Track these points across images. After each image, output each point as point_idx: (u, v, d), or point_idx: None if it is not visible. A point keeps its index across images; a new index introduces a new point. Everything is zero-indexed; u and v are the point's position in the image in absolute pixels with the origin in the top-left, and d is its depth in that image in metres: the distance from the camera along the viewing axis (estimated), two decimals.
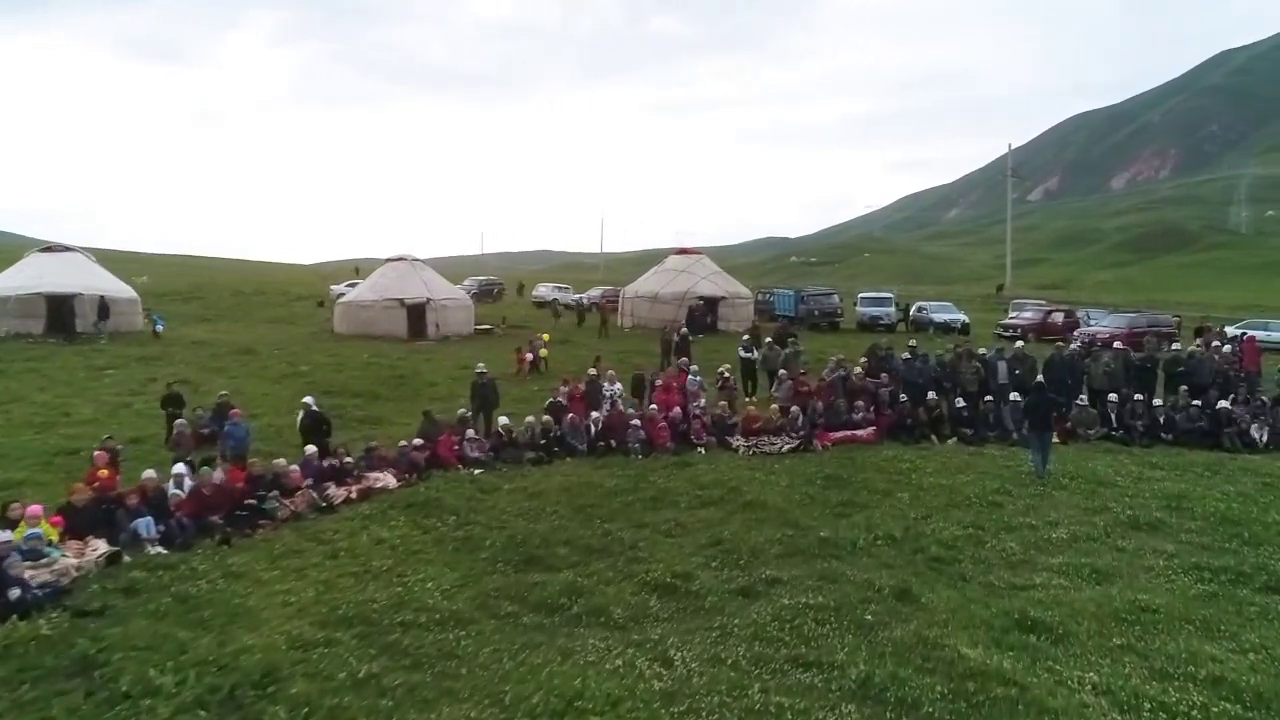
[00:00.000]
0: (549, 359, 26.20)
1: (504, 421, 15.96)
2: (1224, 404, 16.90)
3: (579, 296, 53.35)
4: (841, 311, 42.21)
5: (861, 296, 45.07)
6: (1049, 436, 14.23)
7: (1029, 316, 39.70)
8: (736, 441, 16.05)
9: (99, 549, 9.69)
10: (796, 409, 16.70)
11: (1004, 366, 18.19)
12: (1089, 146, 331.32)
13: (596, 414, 16.52)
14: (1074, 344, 25.18)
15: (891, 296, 45.68)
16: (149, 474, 11.45)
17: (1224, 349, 20.46)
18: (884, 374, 18.43)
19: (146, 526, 10.38)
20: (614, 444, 15.69)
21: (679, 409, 16.83)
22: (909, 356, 18.96)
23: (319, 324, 38.75)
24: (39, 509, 9.81)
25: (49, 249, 36.15)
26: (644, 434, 15.75)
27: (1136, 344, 23.22)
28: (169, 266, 79.52)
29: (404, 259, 37.78)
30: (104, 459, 12.15)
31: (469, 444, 14.90)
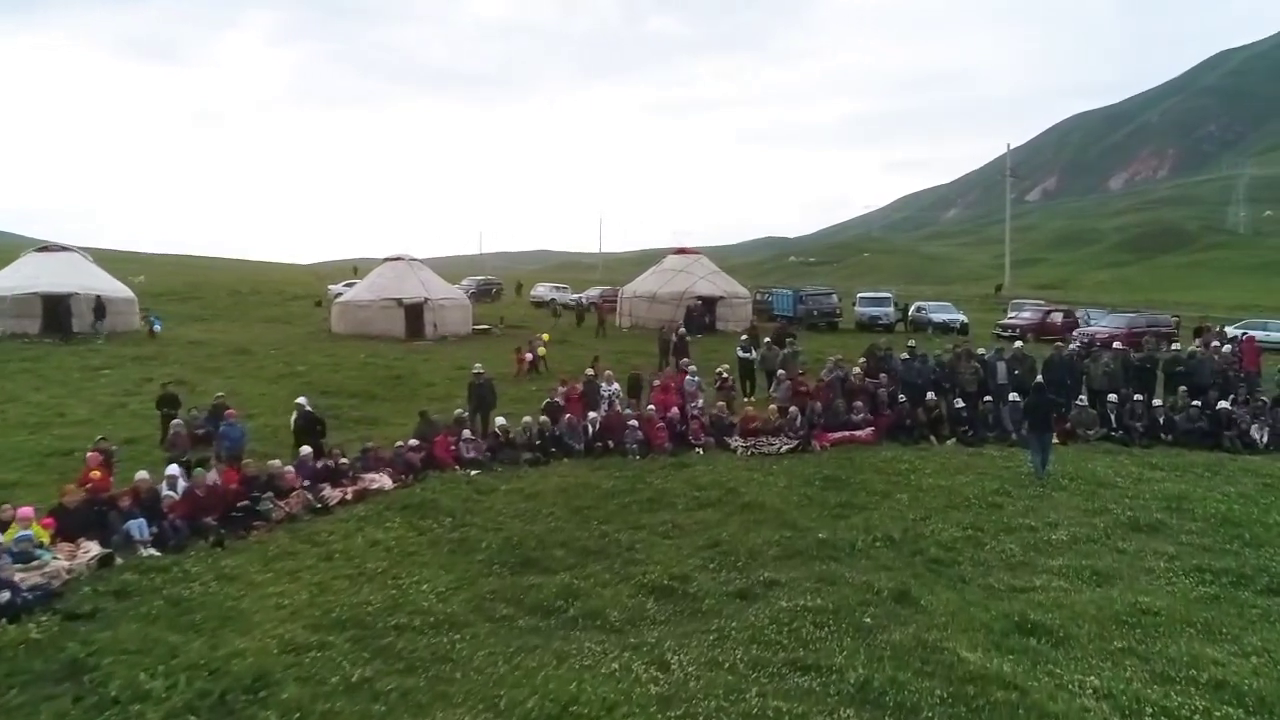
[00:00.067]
0: (547, 359, 26.13)
1: (501, 422, 15.90)
2: (1224, 404, 16.84)
3: (577, 296, 53.25)
4: (840, 311, 42.12)
5: (860, 296, 45.03)
6: (1049, 437, 14.16)
7: (1028, 316, 39.60)
8: (735, 442, 15.98)
9: (91, 551, 9.61)
10: (795, 409, 16.64)
11: (1003, 367, 18.12)
12: (1087, 147, 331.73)
13: (594, 414, 16.45)
14: (1073, 344, 25.11)
15: (890, 296, 45.62)
16: (142, 475, 11.37)
17: (1224, 349, 20.40)
18: (883, 374, 18.35)
19: (139, 528, 10.30)
20: (611, 445, 15.62)
21: (677, 409, 16.76)
22: (908, 357, 18.89)
23: (316, 324, 38.65)
24: (30, 510, 9.74)
25: (45, 248, 35.99)
26: (641, 435, 15.68)
27: (1135, 344, 23.16)
28: (166, 266, 79.33)
29: (401, 259, 37.69)
30: (97, 460, 12.05)
31: (465, 444, 14.83)
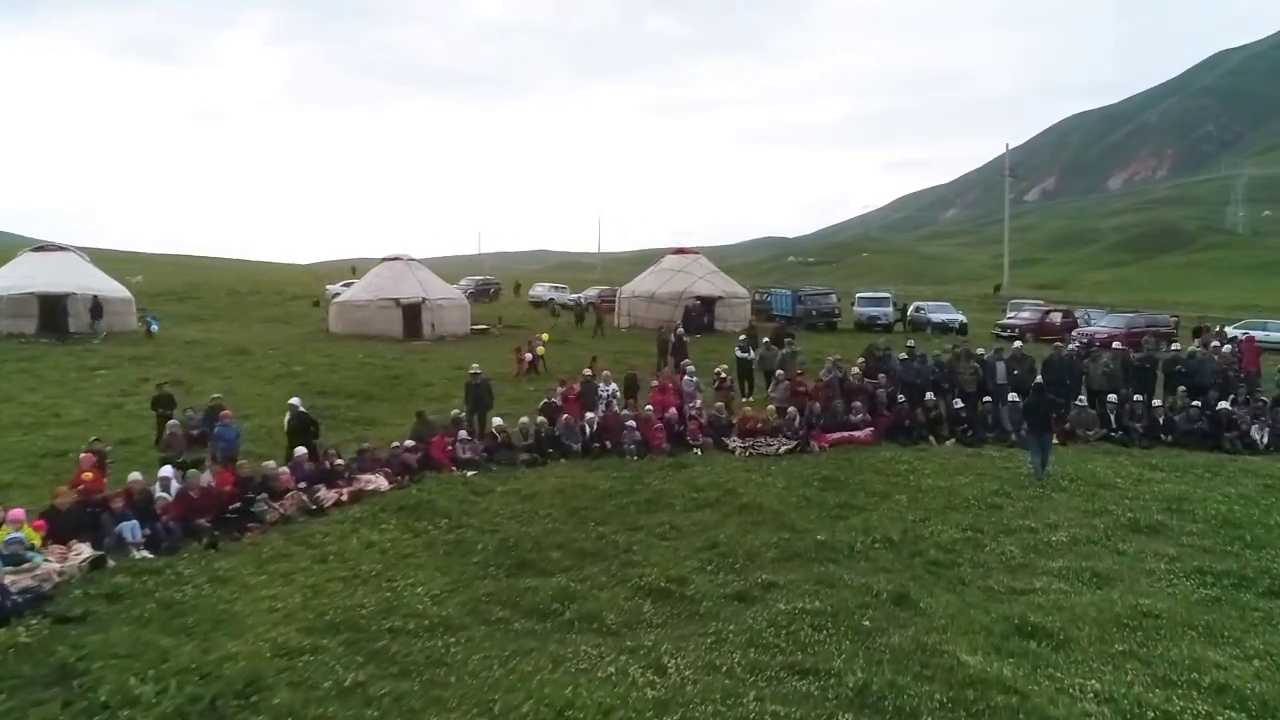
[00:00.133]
0: (546, 359, 26.05)
1: (498, 422, 15.83)
2: (1224, 405, 16.78)
3: (576, 296, 53.19)
4: (839, 311, 42.05)
5: (859, 296, 45.00)
6: (1049, 438, 14.09)
7: (1027, 316, 39.55)
8: (733, 443, 15.90)
9: (82, 553, 9.52)
10: (793, 410, 16.56)
11: (1002, 367, 18.06)
12: (1086, 147, 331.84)
13: (591, 415, 16.37)
14: (1072, 344, 25.05)
15: (889, 296, 45.59)
16: (135, 477, 11.28)
17: (1224, 349, 20.34)
18: (881, 374, 18.29)
19: (132, 530, 10.22)
20: (609, 445, 15.53)
21: (675, 410, 16.69)
22: (907, 357, 18.82)
23: (314, 324, 38.57)
24: (21, 512, 9.64)
25: (41, 248, 35.90)
26: (639, 435, 15.60)
27: (1135, 344, 23.11)
28: (166, 266, 79.23)
29: (399, 258, 37.61)
30: (90, 461, 11.94)
31: (462, 445, 14.75)
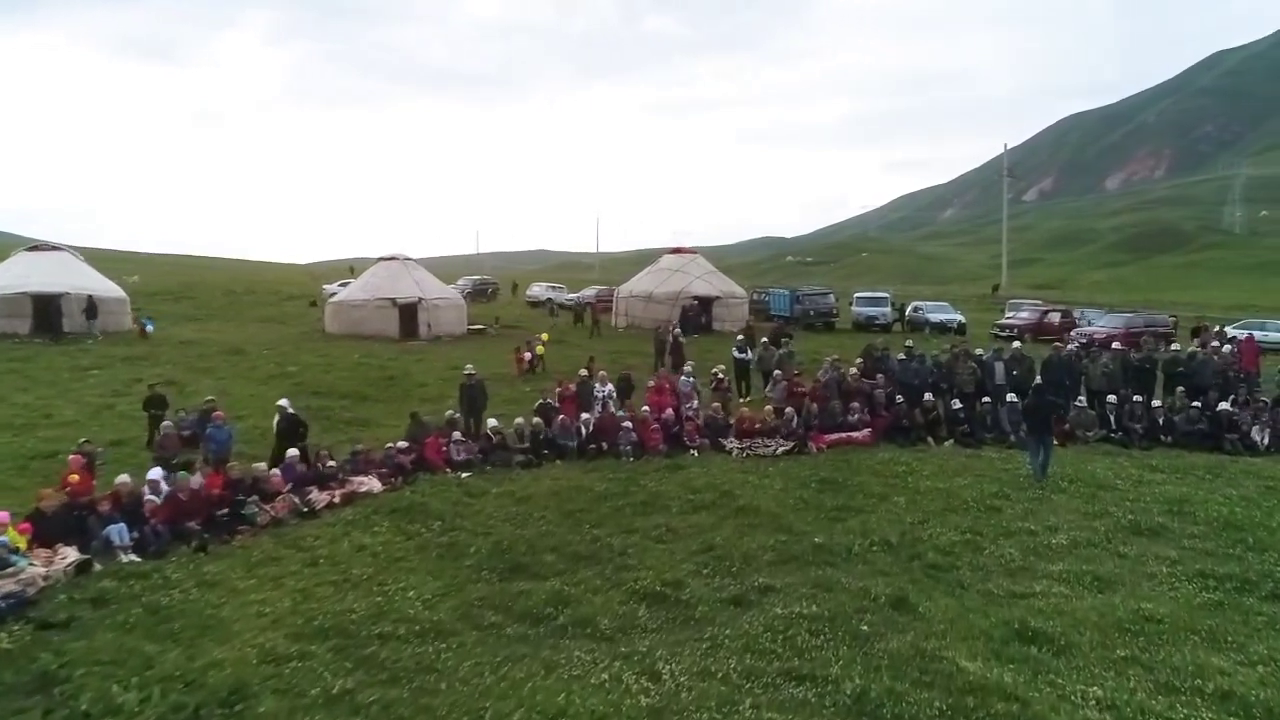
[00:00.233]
0: (545, 359, 25.91)
1: (493, 423, 15.69)
2: (1224, 406, 16.67)
3: (574, 296, 53.06)
4: (837, 311, 41.93)
5: (857, 296, 44.90)
6: (1049, 439, 13.95)
7: (1025, 316, 39.44)
8: (730, 443, 15.76)
9: (68, 557, 9.38)
10: (791, 410, 16.45)
11: (1001, 367, 17.95)
12: (1084, 147, 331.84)
13: (587, 415, 16.24)
14: (1071, 344, 24.94)
15: (888, 296, 45.51)
16: (123, 479, 11.14)
17: (1224, 349, 20.23)
18: (880, 375, 18.17)
19: (119, 533, 10.07)
20: (605, 446, 15.39)
21: (671, 410, 16.55)
22: (905, 357, 18.72)
23: (310, 324, 38.40)
24: (5, 515, 9.49)
25: (35, 248, 35.72)
26: (636, 436, 15.46)
27: (1134, 344, 22.99)
28: (162, 266, 79.05)
29: (396, 258, 37.47)
30: (79, 463, 11.81)
31: (456, 446, 14.61)
